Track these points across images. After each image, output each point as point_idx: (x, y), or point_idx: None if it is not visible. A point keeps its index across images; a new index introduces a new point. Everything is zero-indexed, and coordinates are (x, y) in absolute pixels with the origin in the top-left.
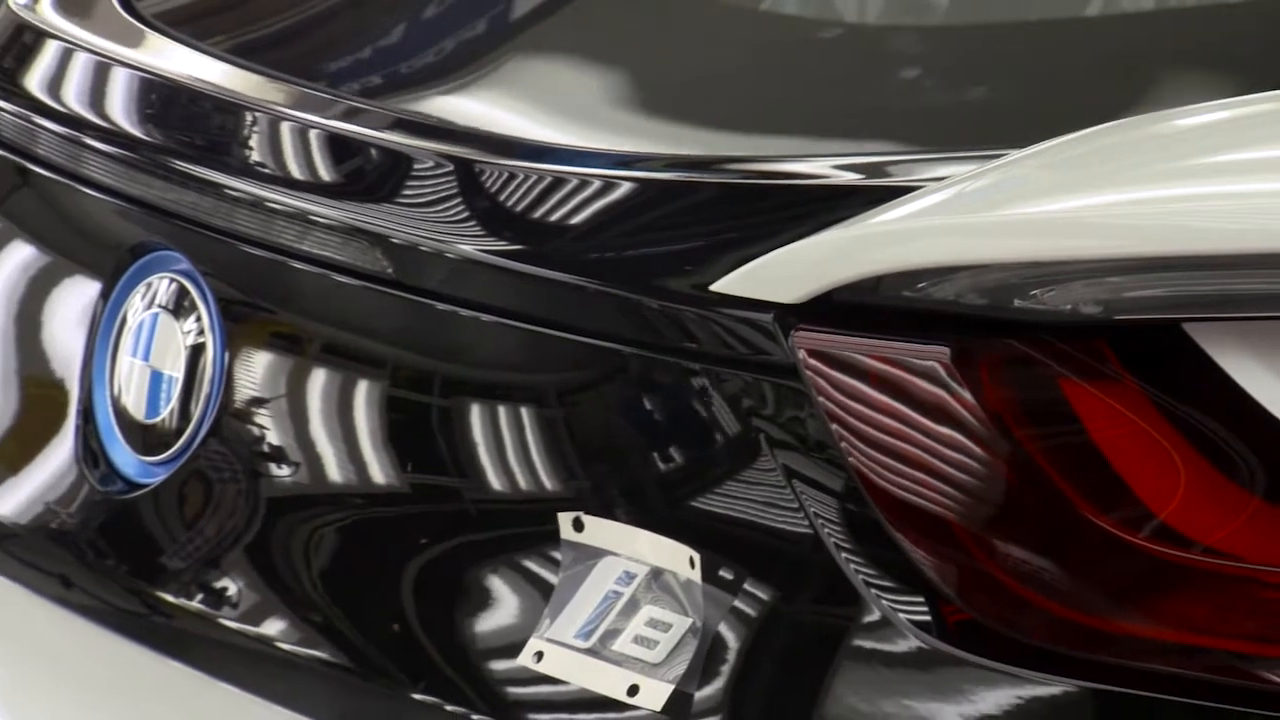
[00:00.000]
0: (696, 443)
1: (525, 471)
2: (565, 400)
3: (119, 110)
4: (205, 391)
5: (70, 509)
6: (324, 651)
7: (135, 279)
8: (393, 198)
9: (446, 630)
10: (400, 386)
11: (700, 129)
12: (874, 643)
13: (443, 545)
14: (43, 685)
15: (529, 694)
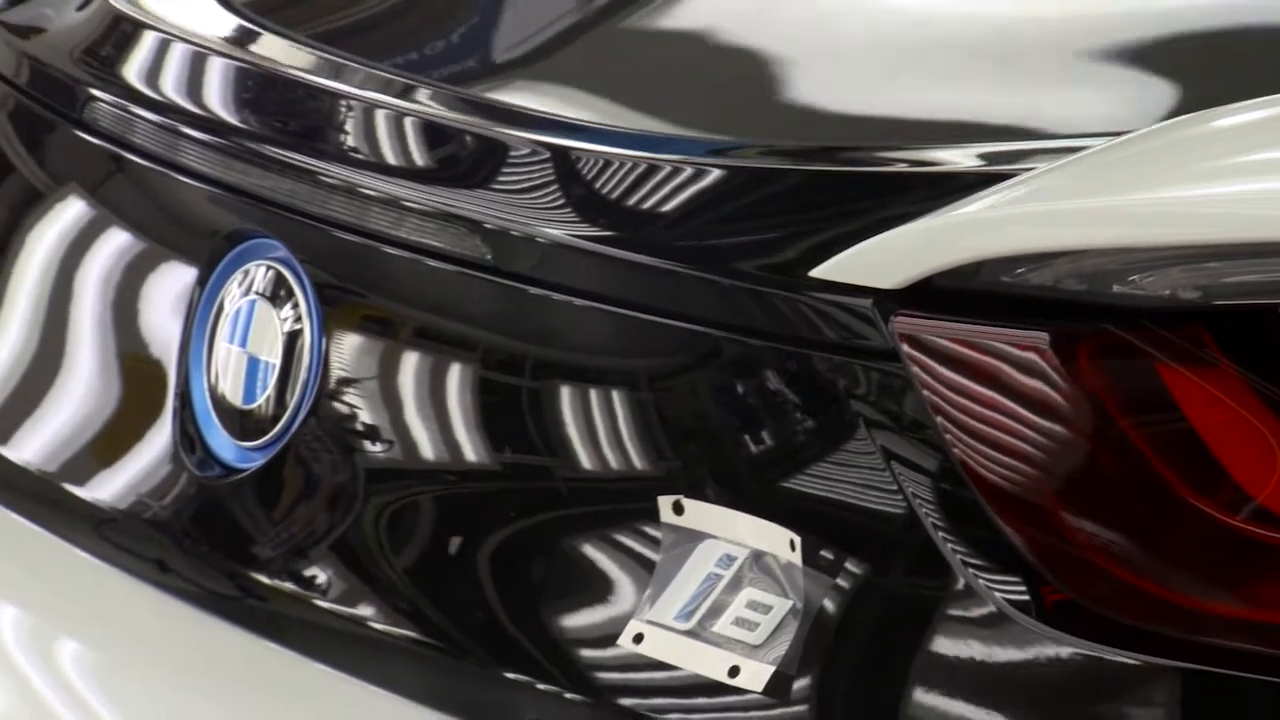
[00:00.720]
0: (795, 427)
1: (623, 455)
2: (663, 385)
3: (215, 99)
4: (302, 377)
5: (167, 494)
6: (417, 631)
7: (232, 266)
8: (489, 184)
9: (543, 611)
10: (496, 371)
11: (797, 116)
12: (971, 623)
13: (540, 528)
14: (140, 667)
15: (628, 675)
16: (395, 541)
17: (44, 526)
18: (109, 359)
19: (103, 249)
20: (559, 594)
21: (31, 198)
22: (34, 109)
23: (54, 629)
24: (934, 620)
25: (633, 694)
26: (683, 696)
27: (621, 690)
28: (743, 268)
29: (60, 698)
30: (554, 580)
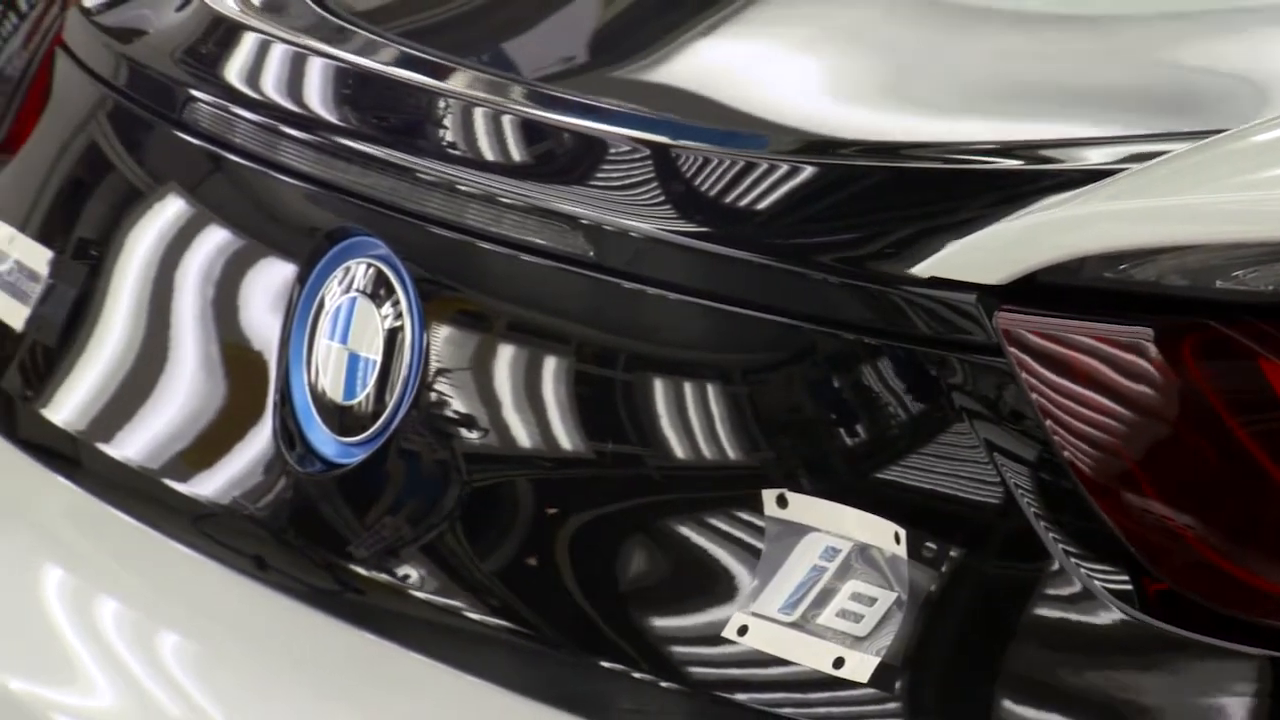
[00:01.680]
0: (896, 420)
1: (726, 449)
2: (764, 380)
3: (316, 98)
4: (403, 373)
5: (268, 489)
6: (516, 623)
7: (333, 264)
8: (588, 180)
9: (644, 603)
10: (595, 365)
11: (900, 113)
12: (1074, 614)
13: (640, 521)
14: (240, 659)
15: (731, 666)
16: (494, 534)
17: (146, 522)
18: (209, 357)
19: (202, 248)
20: (659, 586)
21: (132, 198)
22: (133, 110)
23: (155, 622)
24: (1036, 611)
25: (736, 685)
26: (787, 687)
27: (724, 681)
28: (847, 264)
29: (163, 690)
30: (654, 573)
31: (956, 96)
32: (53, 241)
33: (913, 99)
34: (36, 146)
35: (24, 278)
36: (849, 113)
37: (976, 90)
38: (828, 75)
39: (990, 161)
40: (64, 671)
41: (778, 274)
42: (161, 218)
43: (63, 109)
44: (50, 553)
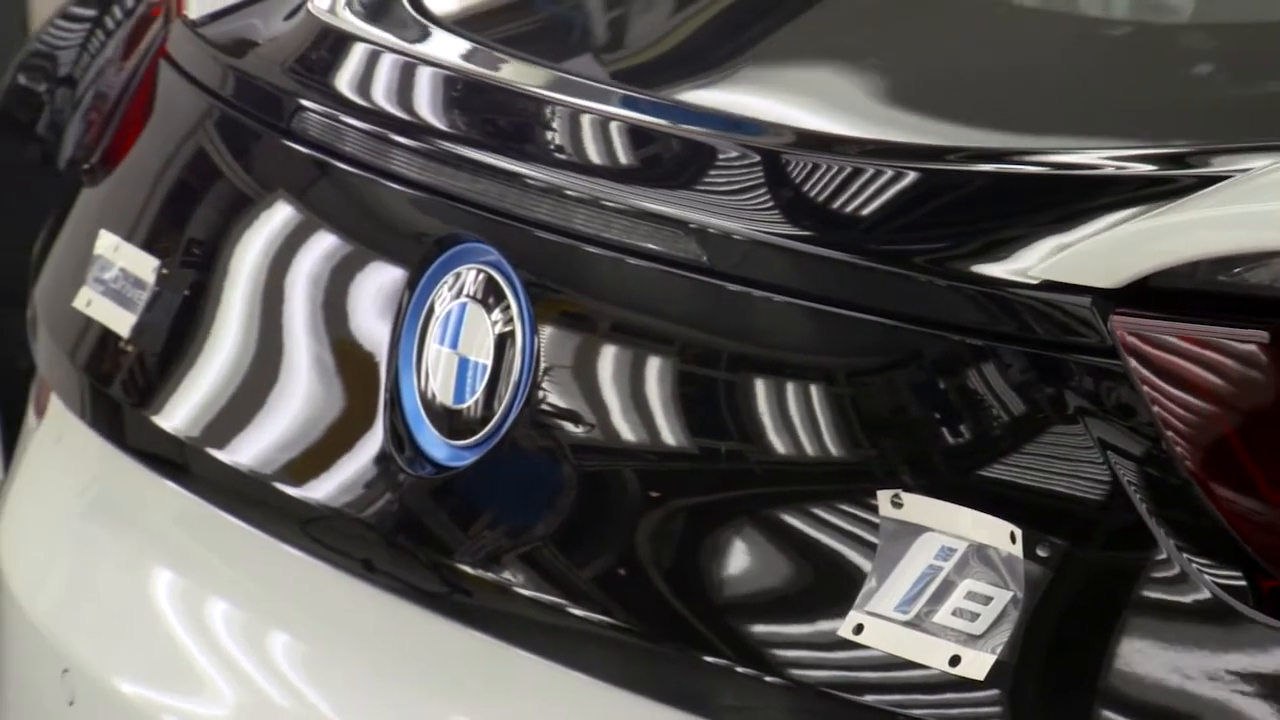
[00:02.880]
0: (1010, 421)
1: (840, 450)
2: (880, 383)
3: (425, 106)
4: (514, 378)
5: (378, 491)
6: (629, 621)
7: (443, 270)
8: (700, 186)
9: (757, 602)
10: (707, 368)
11: (1013, 118)
12: (1187, 612)
13: (753, 521)
14: (351, 659)
15: (846, 663)
16: (603, 534)
17: (256, 526)
18: (318, 362)
19: (311, 254)
20: (772, 585)
21: (240, 206)
22: (240, 119)
23: (267, 623)
24: (1151, 609)
25: (851, 682)
26: (902, 684)
27: (838, 678)
28: (961, 268)
29: (275, 689)
30: (767, 572)
31: (1068, 102)
32: (159, 250)
33: (1022, 104)
34: (140, 157)
35: (130, 285)
36: (959, 117)
37: (1087, 96)
38: (935, 81)
39: (1103, 167)
40: (176, 673)
41: (893, 278)
42: (270, 225)
43: (167, 120)
44: (161, 556)
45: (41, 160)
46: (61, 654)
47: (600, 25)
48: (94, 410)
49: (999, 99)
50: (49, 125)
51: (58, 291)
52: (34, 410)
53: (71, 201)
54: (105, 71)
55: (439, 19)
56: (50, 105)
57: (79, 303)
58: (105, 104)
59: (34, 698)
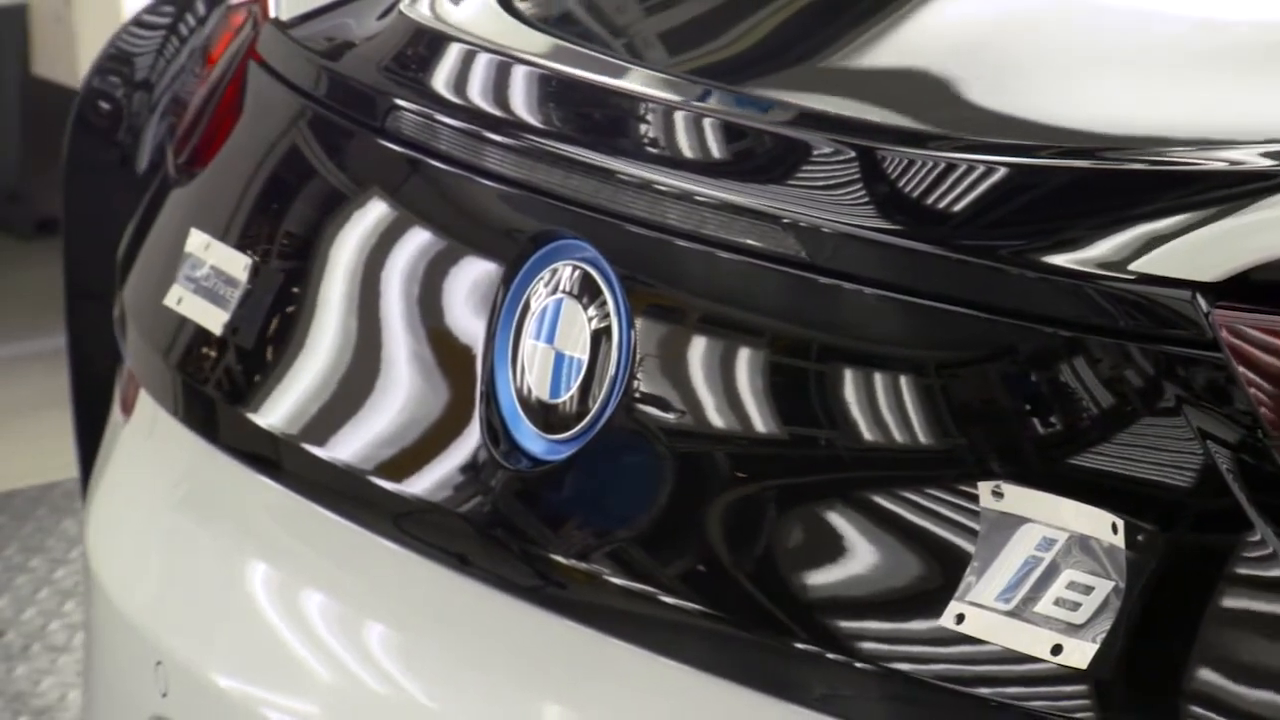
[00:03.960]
0: (1110, 413)
1: (940, 443)
2: (980, 376)
3: (520, 105)
4: (610, 372)
5: (474, 485)
6: (727, 612)
7: (538, 266)
8: (799, 182)
9: (856, 593)
10: (805, 361)
11: (1112, 114)
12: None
13: (851, 513)
14: (448, 650)
15: (948, 653)
16: (699, 526)
17: (351, 519)
18: (413, 357)
19: (404, 251)
20: (871, 576)
21: (334, 204)
22: (333, 119)
23: (361, 615)
24: (1251, 597)
25: (952, 671)
26: (1004, 673)
27: (940, 667)
28: (1061, 262)
29: (373, 679)
30: (866, 563)
31: (1164, 95)
32: (250, 247)
33: (1117, 98)
34: (230, 158)
35: (222, 283)
36: (1056, 113)
37: (1184, 89)
38: (1029, 76)
39: (1204, 161)
40: (271, 665)
41: (996, 273)
42: (364, 223)
43: (258, 121)
44: (255, 550)
45: (119, 163)
46: (155, 647)
47: (690, 21)
48: (186, 406)
49: (1095, 94)
50: (127, 129)
51: (147, 290)
52: (120, 406)
53: (155, 203)
54: (183, 76)
55: (530, 17)
56: (128, 109)
57: (169, 300)
58: (189, 107)
59: (125, 690)
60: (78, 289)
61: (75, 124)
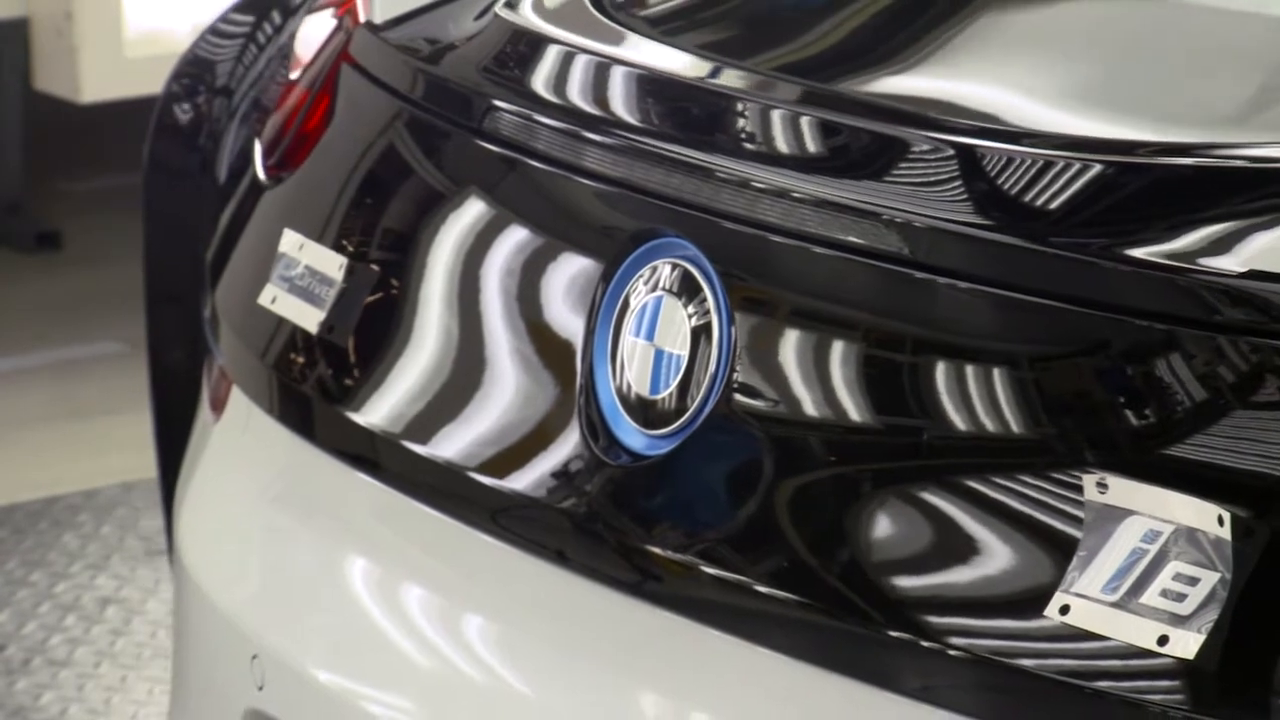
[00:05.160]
0: (1215, 407)
1: (1044, 437)
2: (1087, 370)
3: (620, 105)
4: (710, 369)
5: (574, 480)
6: (828, 604)
7: (638, 264)
8: (894, 179)
9: (960, 584)
10: (906, 357)
11: (1211, 111)
12: None
13: (955, 507)
14: (547, 641)
15: (1053, 643)
16: (800, 520)
17: (449, 515)
18: (512, 355)
19: (502, 250)
20: (975, 568)
21: (430, 204)
22: (430, 120)
23: (459, 608)
24: None
25: (1056, 661)
26: (1109, 663)
27: (1046, 658)
28: (1169, 259)
29: (472, 671)
30: (969, 555)
31: (1266, 92)
32: (345, 247)
33: (1217, 94)
34: (323, 159)
35: (316, 282)
36: (1162, 111)
37: None
38: (1128, 75)
39: None
40: (368, 657)
41: (1105, 269)
42: (461, 222)
43: (352, 123)
44: (351, 544)
45: (200, 168)
46: (251, 641)
47: (785, 20)
48: (282, 405)
49: (1195, 91)
50: (207, 134)
51: (241, 290)
52: (210, 405)
53: (244, 205)
54: (263, 82)
55: (624, 19)
56: (208, 115)
57: (264, 299)
58: (279, 111)
59: (220, 682)
60: (157, 292)
61: (156, 130)
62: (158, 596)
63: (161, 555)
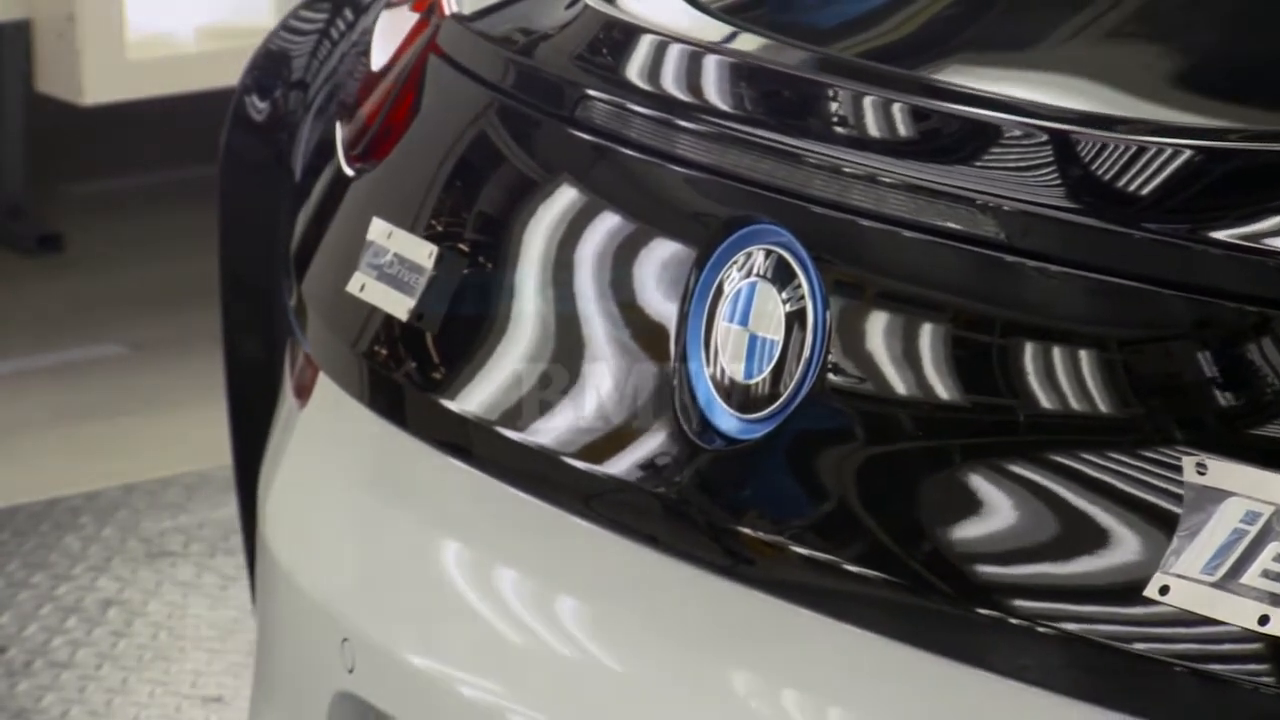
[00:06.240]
0: None
1: (1144, 418)
2: (1186, 352)
3: (713, 93)
4: (805, 353)
5: (668, 464)
6: (920, 585)
7: (732, 250)
8: (988, 165)
9: (1056, 565)
10: (1003, 340)
11: None
12: None
13: (1048, 488)
14: (642, 623)
15: (1151, 624)
16: (896, 503)
17: (542, 499)
18: (605, 340)
19: (594, 237)
20: (1072, 549)
21: (522, 192)
22: (521, 109)
23: (552, 590)
24: None
25: (1155, 641)
26: (1208, 645)
27: (1142, 638)
28: (1259, 241)
29: (567, 651)
30: (1066, 536)
31: None
32: (436, 235)
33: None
34: (410, 149)
35: (406, 270)
36: (1245, 95)
37: None
38: (1217, 61)
39: None
40: (462, 639)
41: (1196, 253)
42: (553, 209)
43: (440, 112)
44: (442, 529)
45: (275, 161)
46: (341, 624)
47: (874, 6)
48: (373, 392)
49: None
50: (283, 127)
51: (328, 279)
52: (294, 393)
53: (329, 196)
54: (340, 75)
55: (713, 6)
56: (283, 108)
57: (352, 287)
58: (363, 102)
59: (308, 666)
60: (233, 283)
61: (232, 123)
62: (159, 598)
63: (163, 557)
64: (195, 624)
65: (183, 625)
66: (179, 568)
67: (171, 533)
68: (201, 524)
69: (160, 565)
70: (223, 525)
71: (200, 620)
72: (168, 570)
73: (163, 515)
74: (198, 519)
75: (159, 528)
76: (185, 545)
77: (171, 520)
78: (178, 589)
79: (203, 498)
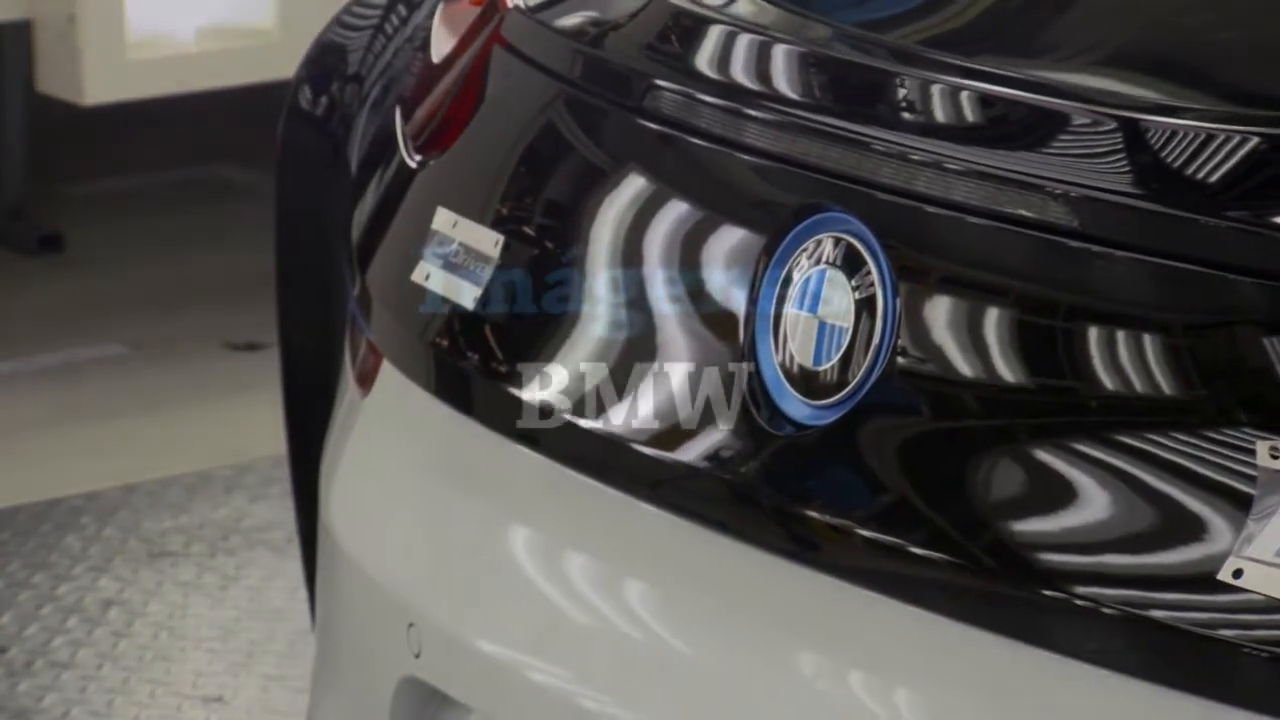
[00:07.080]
0: None
1: (1218, 403)
2: (1259, 339)
3: (783, 82)
4: (875, 341)
5: (738, 450)
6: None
7: (801, 238)
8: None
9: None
10: (1073, 326)
11: None
12: None
13: (1121, 474)
14: (710, 606)
15: (1224, 607)
16: (966, 488)
17: (611, 486)
18: (674, 328)
19: (663, 225)
20: (1146, 534)
21: (589, 181)
22: (588, 99)
23: (621, 575)
24: None
25: (1228, 625)
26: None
27: (1217, 622)
28: None
29: (637, 635)
30: (1139, 521)
31: None
32: (503, 225)
33: None
34: (475, 139)
35: (471, 259)
36: None
37: None
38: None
39: None
40: (529, 624)
41: (1266, 239)
42: (620, 198)
43: (505, 103)
44: (510, 515)
45: (332, 153)
46: (408, 610)
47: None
48: (439, 380)
49: None
50: (339, 120)
51: (392, 269)
52: (356, 381)
53: (392, 187)
54: (397, 68)
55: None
56: (340, 101)
57: (417, 276)
58: (427, 94)
59: (374, 652)
60: (289, 276)
61: (288, 116)
62: (160, 598)
63: (163, 557)
64: (196, 624)
65: (183, 625)
66: (180, 568)
67: (172, 533)
68: (202, 524)
69: (161, 565)
70: (223, 525)
71: (201, 620)
72: (168, 570)
73: (163, 515)
74: (198, 519)
75: (160, 528)
76: (186, 545)
77: (172, 520)
78: (178, 589)
79: (203, 498)
